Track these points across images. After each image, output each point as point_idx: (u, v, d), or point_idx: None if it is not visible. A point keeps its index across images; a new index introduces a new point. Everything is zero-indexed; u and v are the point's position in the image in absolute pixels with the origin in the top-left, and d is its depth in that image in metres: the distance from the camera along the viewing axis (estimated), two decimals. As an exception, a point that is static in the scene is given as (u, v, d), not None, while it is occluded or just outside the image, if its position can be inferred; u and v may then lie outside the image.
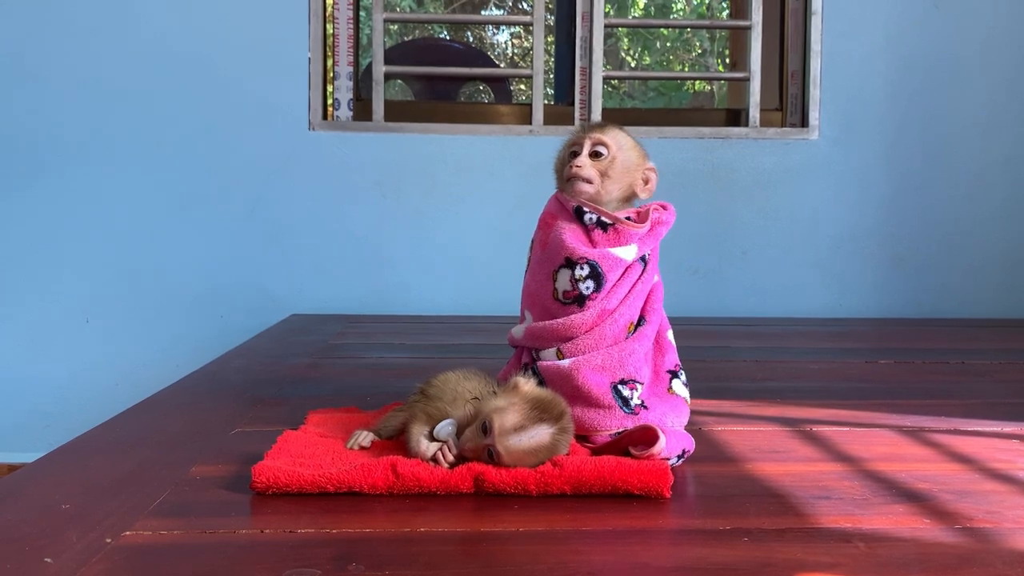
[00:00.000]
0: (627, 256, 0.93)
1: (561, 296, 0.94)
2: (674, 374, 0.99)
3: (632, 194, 0.98)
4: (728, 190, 2.24)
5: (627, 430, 0.88)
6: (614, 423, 0.89)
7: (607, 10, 2.29)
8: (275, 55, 2.17)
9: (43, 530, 0.68)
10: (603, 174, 0.95)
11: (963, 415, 1.13)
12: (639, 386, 0.92)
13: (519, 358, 1.00)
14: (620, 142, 0.97)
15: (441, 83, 3.00)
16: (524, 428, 0.79)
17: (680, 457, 0.87)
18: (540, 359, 0.95)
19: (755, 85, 2.26)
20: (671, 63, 6.38)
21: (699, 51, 6.34)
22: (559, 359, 0.93)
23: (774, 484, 0.82)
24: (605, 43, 2.30)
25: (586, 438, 0.90)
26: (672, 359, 0.99)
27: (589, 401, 0.90)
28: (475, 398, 0.86)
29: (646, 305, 0.97)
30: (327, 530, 0.69)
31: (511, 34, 6.35)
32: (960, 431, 1.05)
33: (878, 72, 2.26)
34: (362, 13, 2.40)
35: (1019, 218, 2.29)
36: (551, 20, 2.62)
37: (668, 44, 6.35)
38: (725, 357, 1.60)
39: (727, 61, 4.96)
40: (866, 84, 2.26)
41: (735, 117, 2.42)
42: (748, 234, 2.25)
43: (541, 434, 0.79)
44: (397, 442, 0.89)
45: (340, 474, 0.77)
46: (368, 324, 1.98)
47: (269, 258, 2.18)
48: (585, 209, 0.94)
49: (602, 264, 0.92)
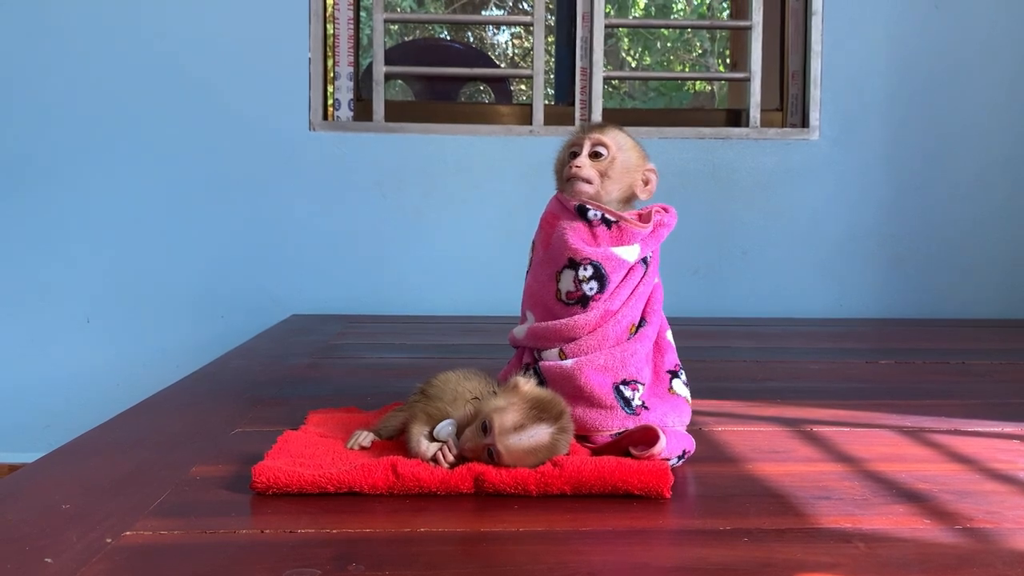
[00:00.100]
0: (630, 257, 0.93)
1: (564, 297, 0.94)
2: (674, 374, 0.98)
3: (632, 195, 0.98)
4: (728, 190, 2.24)
5: (628, 430, 0.88)
6: (615, 423, 0.89)
7: (607, 10, 2.29)
8: (275, 55, 2.17)
9: (43, 530, 0.68)
10: (603, 174, 0.95)
11: (963, 415, 1.13)
12: (640, 386, 0.92)
13: (520, 358, 1.00)
14: (620, 142, 0.97)
15: (441, 83, 3.00)
16: (524, 427, 0.79)
17: (681, 458, 0.87)
18: (542, 359, 0.95)
19: (755, 85, 2.26)
20: (672, 63, 6.38)
21: (700, 51, 6.34)
22: (561, 359, 0.93)
23: (774, 484, 0.82)
24: (605, 43, 2.30)
25: (587, 438, 0.90)
26: (672, 359, 0.99)
27: (591, 401, 0.90)
28: (475, 398, 0.86)
29: (646, 306, 0.97)
30: (327, 530, 0.69)
31: (511, 34, 6.35)
32: (960, 431, 1.05)
33: (879, 72, 2.26)
34: (362, 13, 2.40)
35: (1019, 218, 2.29)
36: (551, 20, 2.62)
37: (669, 44, 6.35)
38: (725, 357, 1.60)
39: (727, 61, 4.96)
40: (867, 84, 2.26)
41: (736, 117, 2.42)
42: (748, 234, 2.25)
43: (541, 434, 0.79)
44: (397, 442, 0.89)
45: (340, 474, 0.77)
46: (368, 324, 1.99)
47: (269, 258, 2.18)
48: (588, 206, 0.94)
49: (606, 265, 0.92)
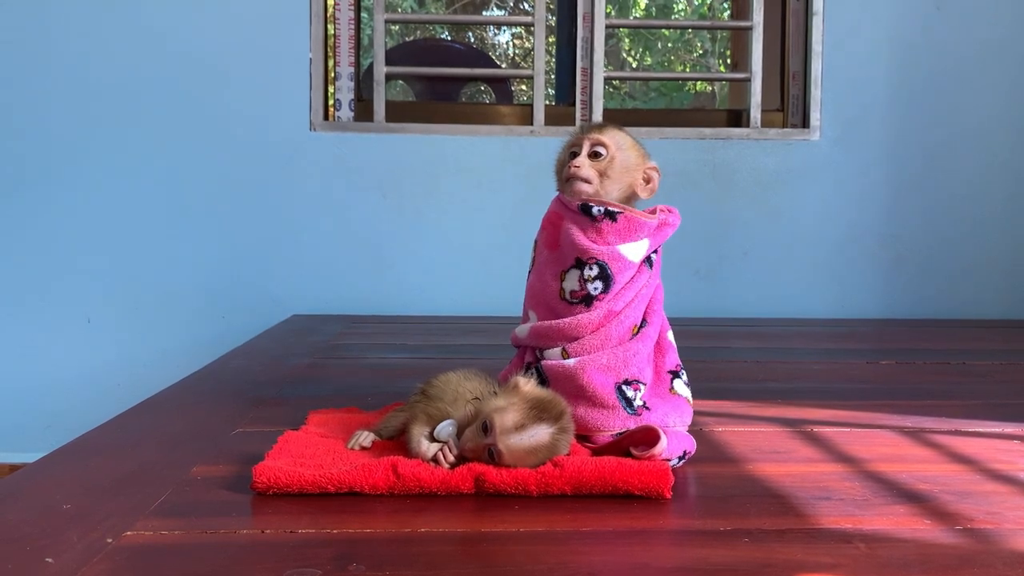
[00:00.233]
0: (637, 254, 0.93)
1: (568, 296, 0.94)
2: (675, 374, 0.98)
3: (633, 194, 0.97)
4: (729, 190, 2.24)
5: (629, 430, 0.88)
6: (617, 423, 0.89)
7: (608, 11, 2.29)
8: (276, 55, 2.17)
9: (44, 530, 0.68)
10: (602, 174, 0.95)
11: (964, 416, 1.13)
12: (642, 386, 0.92)
13: (522, 358, 1.00)
14: (619, 142, 0.96)
15: (442, 84, 3.00)
16: (524, 427, 0.79)
17: (681, 458, 0.87)
18: (544, 358, 0.95)
19: (756, 86, 2.26)
20: (672, 64, 6.39)
21: (700, 52, 6.34)
22: (564, 359, 0.93)
23: (775, 485, 0.82)
24: (606, 44, 2.30)
25: (587, 438, 0.90)
26: (673, 359, 0.99)
27: (593, 401, 0.90)
28: (475, 398, 0.86)
29: (648, 307, 0.97)
30: (328, 530, 0.69)
31: (512, 35, 6.36)
32: (961, 432, 1.05)
33: (879, 73, 2.26)
34: (363, 14, 2.40)
35: (1019, 218, 2.29)
36: (552, 21, 2.62)
37: (669, 45, 6.35)
38: (726, 358, 1.60)
39: (728, 62, 4.96)
40: (867, 85, 2.26)
41: (736, 118, 2.42)
42: (749, 234, 2.25)
43: (541, 434, 0.79)
44: (398, 442, 0.89)
45: (341, 474, 0.77)
46: (369, 324, 1.99)
47: (270, 258, 2.18)
48: (591, 203, 0.93)
49: (612, 266, 0.92)
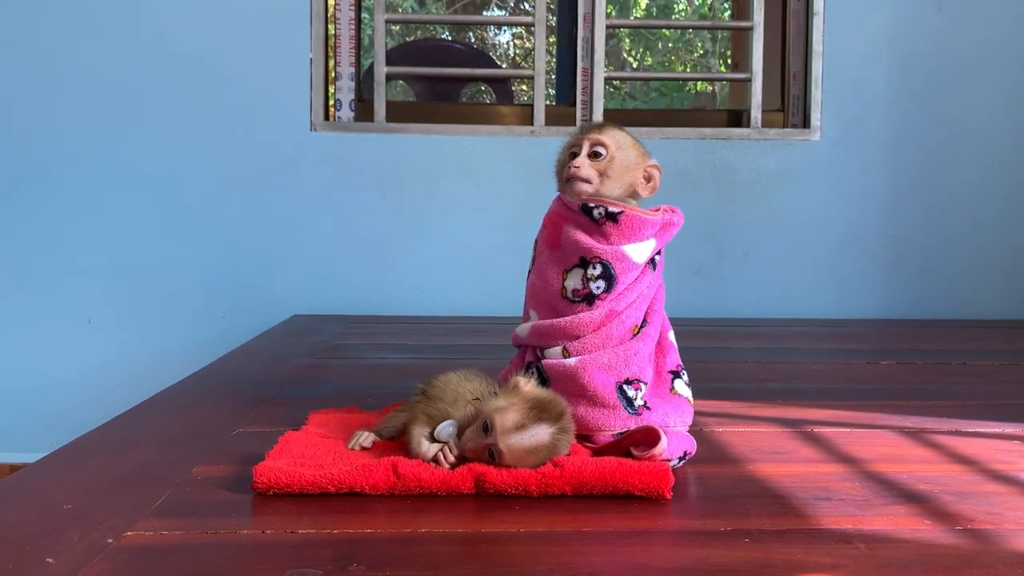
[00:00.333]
0: (642, 255, 0.93)
1: (570, 294, 0.94)
2: (676, 374, 0.98)
3: (634, 193, 0.97)
4: (729, 191, 2.24)
5: (629, 431, 0.88)
6: (617, 423, 0.89)
7: (609, 11, 2.29)
8: (277, 55, 2.17)
9: (44, 530, 0.68)
10: (602, 174, 0.95)
11: (964, 416, 1.13)
12: (643, 386, 0.92)
13: (522, 358, 1.00)
14: (619, 141, 0.96)
15: (443, 84, 3.00)
16: (525, 427, 0.79)
17: (682, 459, 0.87)
18: (545, 357, 0.95)
19: (757, 86, 2.26)
20: (673, 64, 6.38)
21: (701, 52, 6.34)
22: (565, 358, 0.93)
23: (775, 485, 0.82)
24: (607, 44, 2.30)
25: (588, 438, 0.90)
26: (674, 359, 0.99)
27: (594, 400, 0.90)
28: (476, 399, 0.86)
29: (649, 307, 0.97)
30: (328, 530, 0.69)
31: (513, 35, 6.36)
32: (961, 432, 1.04)
33: (880, 73, 2.26)
34: (364, 14, 2.40)
35: (1020, 219, 2.29)
36: (553, 21, 2.62)
37: (670, 45, 6.35)
38: (726, 358, 1.60)
39: (729, 62, 4.96)
40: (868, 85, 2.26)
41: (737, 118, 2.42)
42: (749, 235, 2.25)
43: (541, 434, 0.79)
44: (398, 443, 0.89)
45: (341, 474, 0.77)
46: (369, 325, 1.99)
47: (271, 259, 2.18)
48: (591, 204, 0.93)
49: (616, 266, 0.92)
